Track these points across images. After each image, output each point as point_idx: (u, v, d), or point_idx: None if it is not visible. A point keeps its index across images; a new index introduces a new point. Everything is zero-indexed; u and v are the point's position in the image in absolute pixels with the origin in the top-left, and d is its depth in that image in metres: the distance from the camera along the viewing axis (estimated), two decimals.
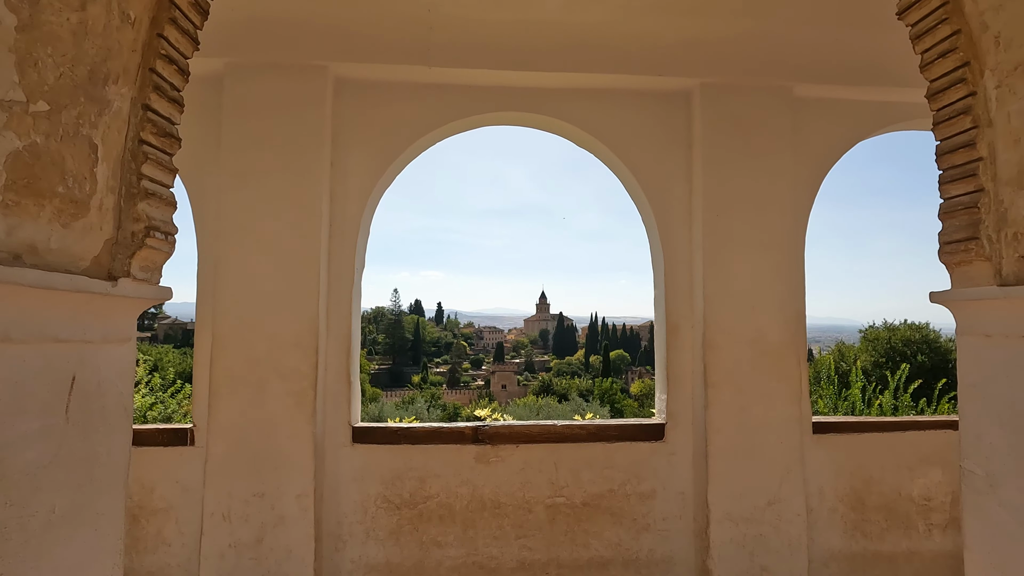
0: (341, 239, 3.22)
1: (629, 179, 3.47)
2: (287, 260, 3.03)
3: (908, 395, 6.67)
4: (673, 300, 3.35)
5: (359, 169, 3.26)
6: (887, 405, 6.41)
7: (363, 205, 3.26)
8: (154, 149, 1.23)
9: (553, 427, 3.23)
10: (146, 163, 1.19)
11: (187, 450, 3.04)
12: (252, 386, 2.96)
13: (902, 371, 6.69)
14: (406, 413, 34.17)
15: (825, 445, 3.30)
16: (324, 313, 3.12)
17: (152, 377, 11.14)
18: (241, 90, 3.07)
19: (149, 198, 1.20)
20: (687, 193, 3.38)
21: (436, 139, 3.46)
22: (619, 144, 3.39)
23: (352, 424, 3.17)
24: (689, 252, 3.36)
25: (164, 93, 1.24)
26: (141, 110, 1.19)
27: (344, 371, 3.17)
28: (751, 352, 3.18)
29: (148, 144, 1.20)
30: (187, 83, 1.35)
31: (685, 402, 3.30)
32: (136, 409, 9.79)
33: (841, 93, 3.39)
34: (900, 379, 6.57)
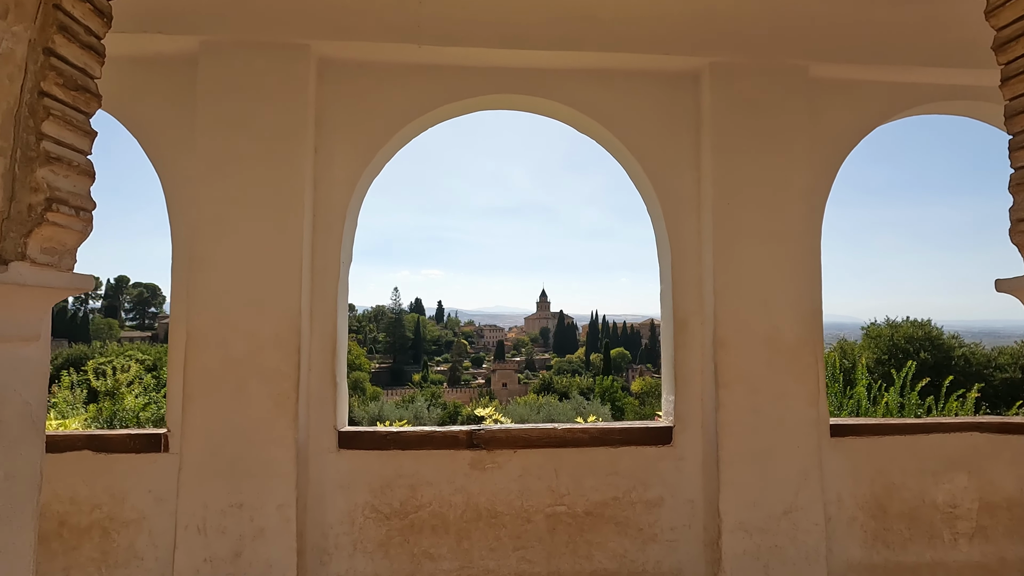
0: (326, 231, 3.01)
1: (633, 166, 3.26)
2: (267, 252, 2.82)
3: (915, 393, 6.47)
4: (681, 294, 3.14)
5: (345, 156, 3.05)
6: (893, 403, 6.21)
7: (349, 194, 3.04)
8: (61, 104, 1.01)
9: (553, 431, 3.02)
10: (48, 120, 0.98)
11: (161, 457, 2.83)
12: (229, 388, 2.75)
13: (908, 368, 6.48)
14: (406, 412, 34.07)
15: (843, 449, 3.09)
16: (307, 309, 2.91)
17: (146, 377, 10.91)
18: (216, 71, 2.86)
19: (53, 163, 0.98)
20: (695, 180, 3.17)
21: (428, 124, 3.25)
22: (622, 129, 3.18)
23: (338, 428, 2.96)
24: (698, 243, 3.15)
25: (75, 37, 1.03)
26: (43, 55, 0.97)
27: (329, 372, 2.96)
28: (765, 350, 2.96)
29: (52, 97, 0.99)
30: (108, 29, 1.14)
31: (694, 403, 3.09)
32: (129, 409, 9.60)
33: (860, 73, 3.17)
34: (907, 376, 6.37)
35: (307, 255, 2.91)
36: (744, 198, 3.02)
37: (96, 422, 8.70)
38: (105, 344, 47.92)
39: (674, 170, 3.18)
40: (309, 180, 2.94)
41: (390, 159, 3.27)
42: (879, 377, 7.79)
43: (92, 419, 8.79)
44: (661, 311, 3.32)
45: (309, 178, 2.94)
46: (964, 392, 7.11)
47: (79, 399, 9.86)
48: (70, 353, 38.20)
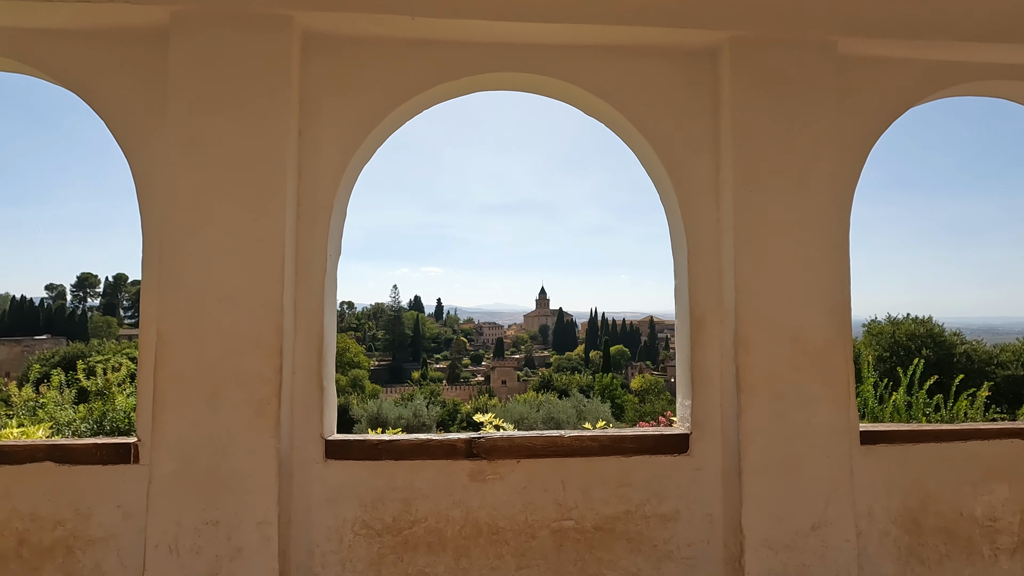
0: (311, 221, 2.76)
1: (646, 151, 3.00)
2: (246, 245, 2.56)
3: (923, 392, 6.24)
4: (698, 290, 2.89)
5: (332, 140, 2.79)
6: (900, 402, 5.99)
7: (337, 181, 2.79)
8: None
9: (560, 439, 2.77)
10: None
11: (130, 468, 2.58)
12: (204, 394, 2.50)
13: (916, 366, 6.25)
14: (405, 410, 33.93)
15: (874, 457, 2.85)
16: (291, 307, 2.66)
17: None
18: (189, 46, 2.59)
19: None
20: (714, 166, 2.92)
21: (423, 105, 2.99)
22: (634, 110, 2.92)
23: (325, 437, 2.71)
24: (717, 234, 2.90)
25: None
26: None
27: (315, 375, 2.71)
28: (791, 350, 2.72)
29: None
30: None
31: (712, 409, 2.84)
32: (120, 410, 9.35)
33: (893, 49, 2.91)
34: (914, 375, 6.14)
35: (290, 248, 2.65)
36: (767, 185, 2.77)
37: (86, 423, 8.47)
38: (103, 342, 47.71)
39: (691, 155, 2.92)
40: (292, 166, 2.68)
41: (381, 144, 3.02)
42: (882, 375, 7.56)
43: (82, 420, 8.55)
44: (676, 308, 3.07)
45: (292, 164, 2.68)
46: (974, 391, 6.90)
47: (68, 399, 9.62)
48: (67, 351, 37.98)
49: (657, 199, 3.16)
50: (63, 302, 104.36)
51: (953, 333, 37.91)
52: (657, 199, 3.16)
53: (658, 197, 3.14)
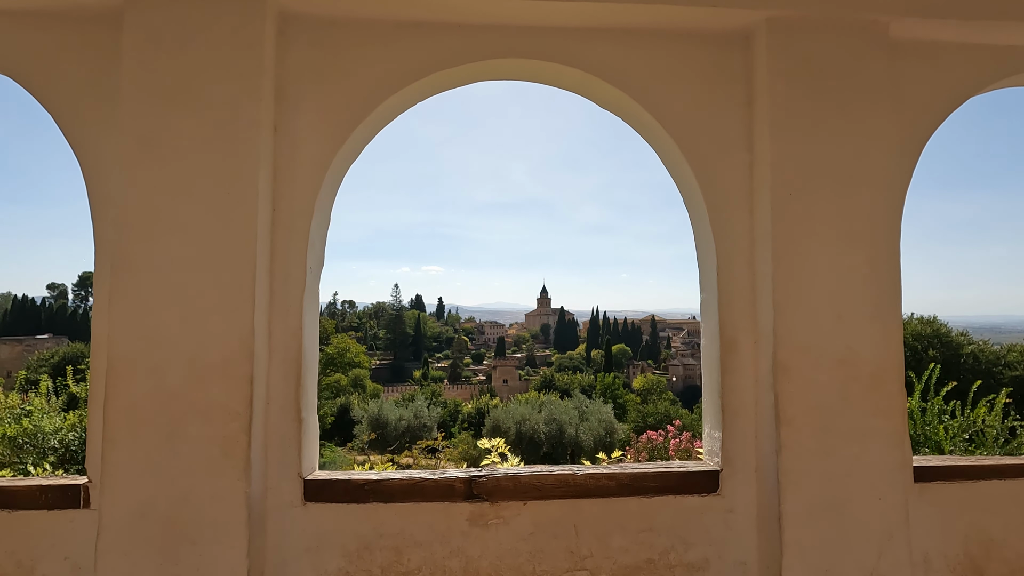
0: (288, 228, 2.41)
1: (668, 149, 2.65)
2: (210, 257, 2.22)
3: (940, 398, 5.88)
4: (729, 307, 2.54)
5: (313, 136, 2.45)
6: (916, 409, 5.64)
7: (318, 184, 2.44)
8: None
9: (572, 477, 2.43)
10: None
11: (79, 514, 2.25)
12: (162, 429, 2.15)
13: (932, 370, 5.89)
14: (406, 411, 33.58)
15: (930, 497, 2.50)
16: (264, 329, 2.31)
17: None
18: (146, 27, 2.25)
19: None
20: (747, 166, 2.56)
21: (416, 97, 2.65)
22: (656, 102, 2.57)
23: (304, 476, 2.37)
24: (750, 243, 2.55)
25: None
26: None
27: (292, 405, 2.37)
28: (838, 377, 2.37)
29: None
30: None
31: (746, 442, 2.49)
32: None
33: (951, 32, 2.56)
34: (930, 380, 5.78)
35: (264, 259, 2.31)
36: (809, 187, 2.42)
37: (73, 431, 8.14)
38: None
39: (720, 153, 2.57)
40: (266, 166, 2.34)
41: (370, 140, 2.67)
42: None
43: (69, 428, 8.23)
44: (703, 327, 2.72)
45: (266, 163, 2.34)
46: (993, 397, 6.56)
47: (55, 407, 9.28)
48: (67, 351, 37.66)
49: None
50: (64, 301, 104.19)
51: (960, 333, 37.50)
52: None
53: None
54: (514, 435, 31.86)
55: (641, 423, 35.80)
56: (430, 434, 29.94)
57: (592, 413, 32.58)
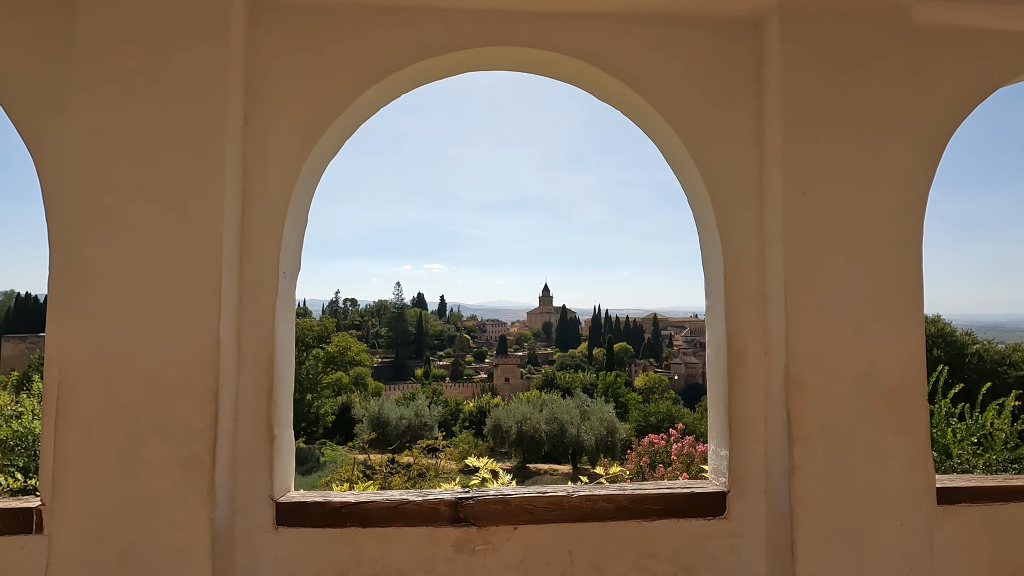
0: (260, 231, 2.23)
1: (671, 144, 2.47)
2: (172, 262, 2.04)
3: (947, 400, 5.68)
4: (737, 314, 2.35)
5: (287, 129, 2.26)
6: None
7: (292, 181, 2.25)
8: None
9: (566, 499, 2.24)
10: None
11: (32, 540, 2.06)
12: (119, 450, 1.97)
13: (940, 372, 5.68)
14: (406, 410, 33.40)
15: (954, 521, 2.31)
16: (232, 340, 2.13)
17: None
18: (103, 11, 2.06)
19: None
20: (756, 163, 2.37)
21: (401, 87, 2.46)
22: (658, 94, 2.38)
23: (276, 499, 2.18)
24: (760, 246, 2.36)
25: None
26: None
27: (263, 422, 2.18)
28: (856, 392, 2.18)
29: None
30: None
31: (755, 461, 2.30)
32: None
33: (978, 17, 2.36)
34: (937, 382, 5.57)
35: (231, 264, 2.13)
36: (825, 185, 2.23)
37: None
38: None
39: (728, 148, 2.38)
40: (235, 162, 2.15)
41: (350, 135, 2.49)
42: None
43: None
44: (708, 335, 2.53)
45: (235, 159, 2.15)
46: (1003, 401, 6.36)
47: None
48: None
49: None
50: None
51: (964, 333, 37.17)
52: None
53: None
54: (515, 434, 31.78)
55: (643, 422, 35.63)
56: (431, 433, 29.82)
57: (594, 412, 32.44)
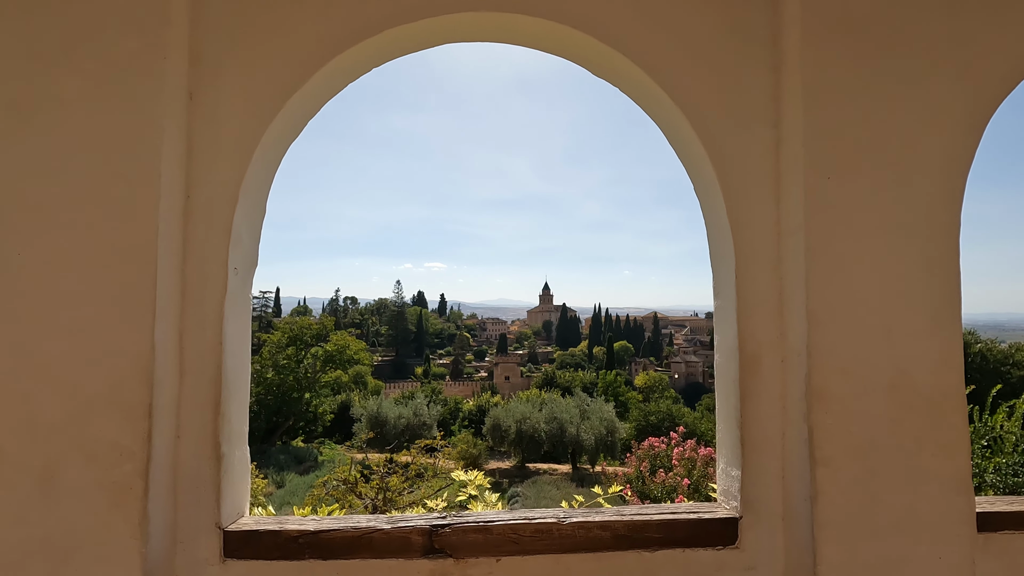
0: (206, 219, 1.95)
1: (675, 122, 2.19)
2: (98, 254, 1.76)
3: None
4: (750, 317, 2.07)
5: (239, 106, 1.99)
6: None
7: (245, 163, 1.98)
8: None
9: (557, 526, 1.97)
10: None
11: None
12: (34, 474, 1.70)
13: None
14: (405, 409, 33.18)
15: (996, 550, 2.02)
16: (171, 343, 1.85)
17: None
18: None
19: None
20: (773, 143, 2.09)
21: (366, 62, 2.18)
22: (660, 66, 2.10)
23: (224, 527, 1.91)
24: (776, 238, 2.08)
25: None
26: None
27: (209, 438, 1.91)
28: (888, 405, 1.90)
29: None
30: None
31: (771, 484, 2.03)
32: None
33: None
34: None
35: (171, 258, 1.85)
36: (852, 169, 1.95)
37: None
38: None
39: (739, 128, 2.10)
40: (176, 140, 1.88)
41: (313, 113, 2.21)
42: None
43: None
44: (717, 340, 2.25)
45: (176, 137, 1.88)
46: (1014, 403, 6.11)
47: None
48: None
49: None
50: None
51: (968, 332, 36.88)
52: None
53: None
54: (514, 434, 31.52)
55: (643, 422, 35.39)
56: (429, 432, 29.57)
57: (594, 412, 32.16)
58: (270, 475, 23.89)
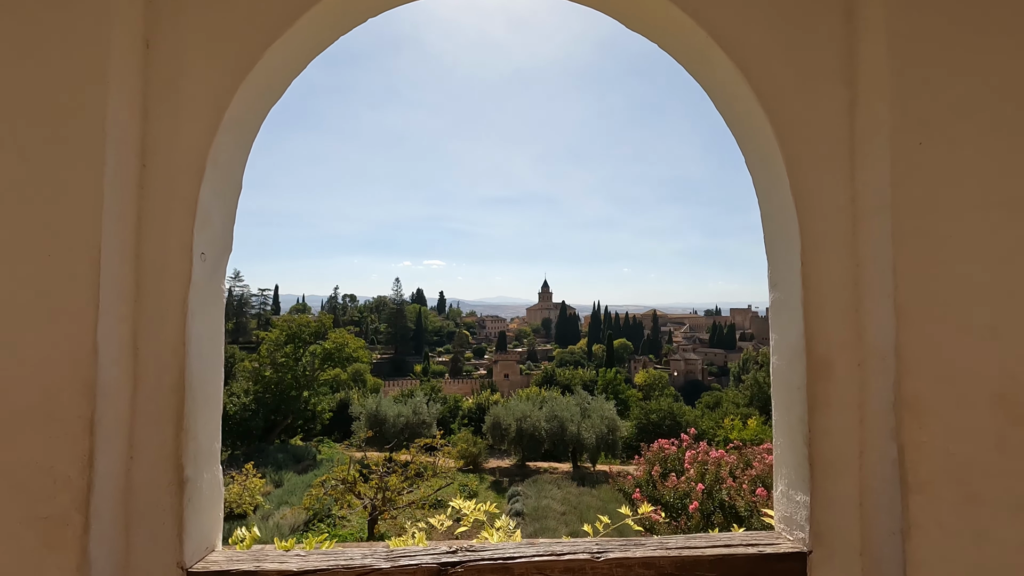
0: (165, 194, 1.61)
1: (727, 78, 1.84)
2: (27, 235, 1.42)
3: None
4: (819, 311, 1.73)
5: (205, 59, 1.64)
6: None
7: (214, 126, 1.63)
8: None
9: (590, 564, 1.63)
10: None
11: None
12: None
13: None
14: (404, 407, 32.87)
15: None
16: (120, 344, 1.51)
17: None
18: None
19: None
20: (846, 104, 1.75)
21: (364, 6, 1.83)
22: (709, 11, 1.76)
23: (187, 567, 1.57)
24: (851, 217, 1.74)
25: None
26: None
27: (170, 458, 1.57)
28: (995, 419, 1.56)
29: None
30: None
31: (847, 511, 1.69)
32: None
33: None
34: None
35: (120, 240, 1.51)
36: (949, 133, 1.61)
37: None
38: None
39: (805, 86, 1.76)
40: (127, 97, 1.53)
41: (298, 71, 1.87)
42: None
43: None
44: (774, 339, 1.91)
45: (127, 94, 1.53)
46: None
47: None
48: None
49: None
50: None
51: None
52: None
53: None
54: (515, 432, 31.18)
55: (644, 420, 35.09)
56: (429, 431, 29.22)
57: (594, 410, 31.84)
58: (268, 474, 23.56)
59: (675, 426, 31.90)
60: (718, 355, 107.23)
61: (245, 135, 1.79)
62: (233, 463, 23.83)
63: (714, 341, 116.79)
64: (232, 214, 1.82)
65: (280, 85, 1.83)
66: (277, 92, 1.84)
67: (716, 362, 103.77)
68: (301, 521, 16.73)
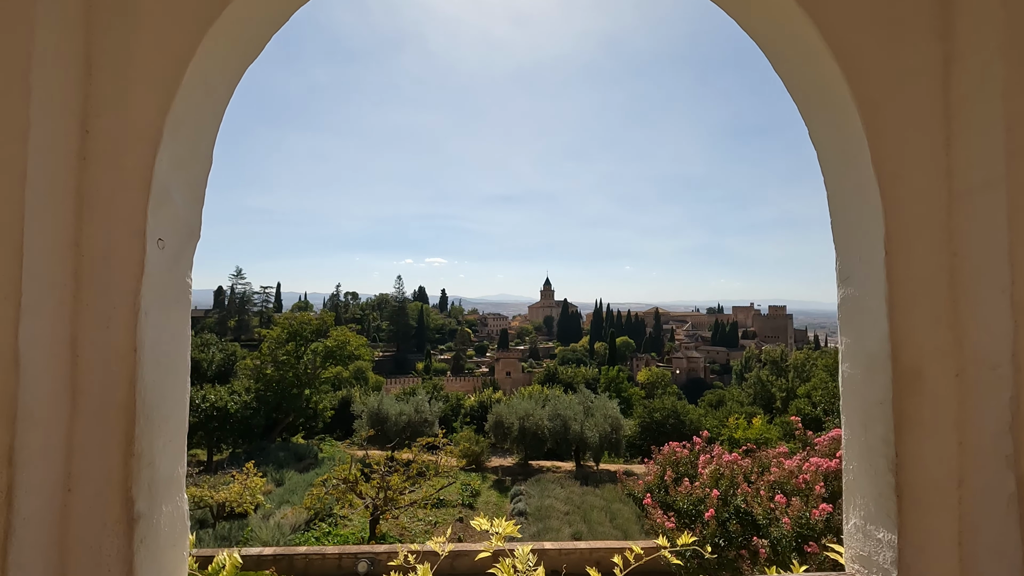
0: (112, 164, 1.31)
1: (789, 24, 1.54)
2: None
3: None
4: (907, 312, 1.43)
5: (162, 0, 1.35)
6: None
7: (174, 85, 1.34)
8: None
9: None
10: None
11: None
12: None
13: None
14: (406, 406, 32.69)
15: None
16: (53, 352, 1.22)
17: None
18: None
19: None
20: (939, 60, 1.45)
21: None
22: None
23: None
24: (946, 199, 1.44)
25: None
26: None
27: (117, 489, 1.27)
28: None
29: None
30: None
31: (943, 553, 1.39)
32: None
33: None
34: None
35: (50, 223, 1.21)
36: None
37: None
38: None
39: (887, 37, 1.46)
40: (62, 47, 1.24)
41: (280, 23, 1.57)
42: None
43: None
44: (845, 343, 1.61)
45: (62, 42, 1.24)
46: None
47: None
48: None
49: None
50: None
51: None
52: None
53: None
54: (517, 431, 30.86)
55: (647, 418, 34.76)
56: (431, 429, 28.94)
57: (598, 409, 31.53)
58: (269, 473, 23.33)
59: (679, 424, 31.63)
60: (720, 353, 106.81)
61: (214, 97, 1.49)
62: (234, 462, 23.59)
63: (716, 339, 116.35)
64: (200, 193, 1.52)
65: (259, 38, 1.53)
66: (256, 47, 1.54)
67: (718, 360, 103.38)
68: (302, 521, 16.49)
